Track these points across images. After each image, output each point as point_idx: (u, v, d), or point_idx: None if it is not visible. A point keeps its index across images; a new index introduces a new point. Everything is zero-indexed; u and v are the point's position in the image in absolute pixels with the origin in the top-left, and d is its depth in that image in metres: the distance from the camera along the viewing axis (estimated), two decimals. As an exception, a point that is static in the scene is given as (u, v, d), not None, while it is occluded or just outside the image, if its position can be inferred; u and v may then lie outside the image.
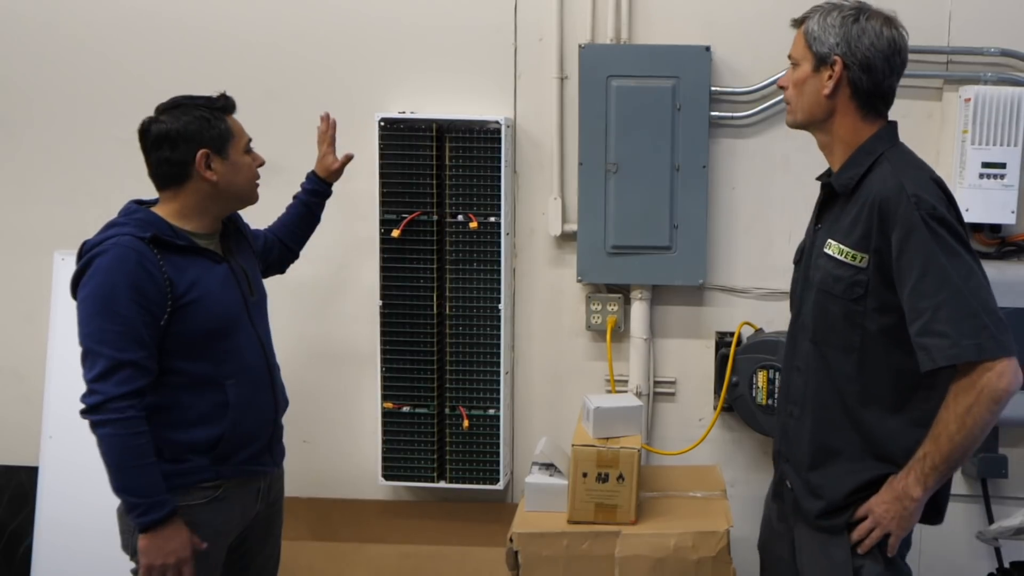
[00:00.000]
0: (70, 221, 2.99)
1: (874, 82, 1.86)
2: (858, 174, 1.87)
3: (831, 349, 1.89)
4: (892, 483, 1.84)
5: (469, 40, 2.93)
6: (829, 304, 1.88)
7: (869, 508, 1.86)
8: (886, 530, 1.84)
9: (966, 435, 1.74)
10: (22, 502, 3.13)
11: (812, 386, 1.93)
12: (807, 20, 1.90)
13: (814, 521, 1.92)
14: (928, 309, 1.73)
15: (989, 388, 1.72)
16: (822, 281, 1.89)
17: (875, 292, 1.82)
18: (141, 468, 1.94)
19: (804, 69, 1.89)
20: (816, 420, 1.93)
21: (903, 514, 1.82)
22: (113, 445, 1.93)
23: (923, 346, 1.74)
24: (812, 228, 2.01)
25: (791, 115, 1.96)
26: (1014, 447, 2.89)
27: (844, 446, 1.89)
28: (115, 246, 1.94)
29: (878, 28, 1.85)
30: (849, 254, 1.84)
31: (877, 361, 1.85)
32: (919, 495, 1.79)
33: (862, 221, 1.82)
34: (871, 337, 1.84)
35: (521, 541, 2.31)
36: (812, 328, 1.93)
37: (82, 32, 3.02)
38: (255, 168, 2.17)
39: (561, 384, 3.02)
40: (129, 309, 1.92)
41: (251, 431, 2.12)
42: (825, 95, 1.87)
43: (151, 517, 1.94)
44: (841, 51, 1.84)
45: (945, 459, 1.77)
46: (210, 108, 2.09)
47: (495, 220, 2.84)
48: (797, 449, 1.97)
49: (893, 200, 1.78)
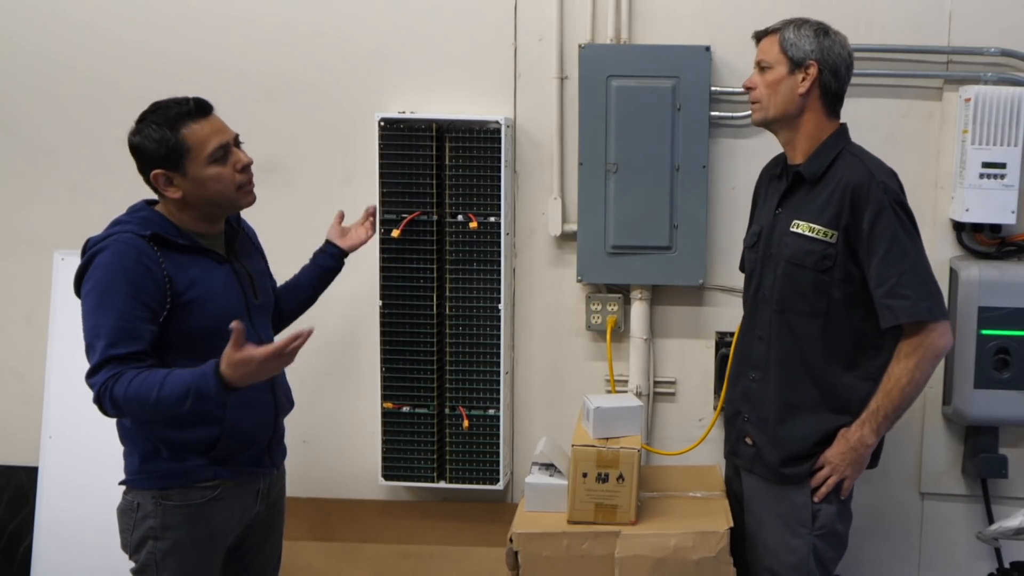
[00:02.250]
0: (70, 221, 2.99)
1: (838, 84, 2.21)
2: (825, 163, 2.19)
3: (797, 316, 2.20)
4: (845, 435, 2.17)
5: (469, 40, 2.93)
6: (799, 275, 2.19)
7: (826, 458, 2.19)
8: (842, 475, 2.18)
9: (914, 387, 2.12)
10: (22, 502, 3.13)
11: (776, 350, 2.24)
12: (781, 30, 2.20)
13: (777, 471, 2.23)
14: (894, 276, 2.09)
15: (933, 345, 2.10)
16: (792, 256, 2.19)
17: (841, 264, 2.14)
18: (167, 384, 1.88)
19: (779, 71, 2.20)
20: (780, 379, 2.23)
21: (857, 460, 2.17)
22: (131, 392, 1.88)
23: (888, 306, 2.09)
24: (772, 213, 2.29)
25: (761, 112, 2.24)
26: (1014, 447, 2.88)
27: (802, 401, 2.21)
28: (115, 243, 1.96)
29: (842, 41, 2.22)
30: (820, 231, 2.15)
31: (838, 324, 2.18)
32: (872, 442, 2.16)
33: (833, 203, 2.14)
34: (835, 303, 2.16)
35: (521, 541, 2.31)
36: (778, 298, 2.23)
37: (82, 32, 3.02)
38: (230, 175, 2.04)
39: (561, 384, 3.02)
40: (126, 304, 1.92)
41: (250, 433, 2.12)
42: (799, 94, 2.19)
43: (212, 388, 1.87)
44: (816, 57, 2.18)
45: (896, 409, 2.13)
46: (168, 123, 1.98)
47: (495, 220, 2.84)
48: (762, 408, 2.27)
49: (864, 185, 2.12)
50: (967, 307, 2.73)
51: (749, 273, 2.39)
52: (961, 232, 2.84)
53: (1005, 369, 2.73)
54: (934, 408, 2.91)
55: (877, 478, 2.87)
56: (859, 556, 2.95)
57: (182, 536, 2.05)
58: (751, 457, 2.30)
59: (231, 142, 2.08)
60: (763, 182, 2.46)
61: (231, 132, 2.09)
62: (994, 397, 2.74)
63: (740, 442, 2.34)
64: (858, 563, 2.95)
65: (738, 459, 2.37)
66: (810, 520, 2.20)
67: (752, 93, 2.25)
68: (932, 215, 2.85)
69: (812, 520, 2.21)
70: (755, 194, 2.51)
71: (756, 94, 2.24)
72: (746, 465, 2.33)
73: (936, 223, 2.86)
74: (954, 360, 2.77)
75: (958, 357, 2.75)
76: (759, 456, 2.27)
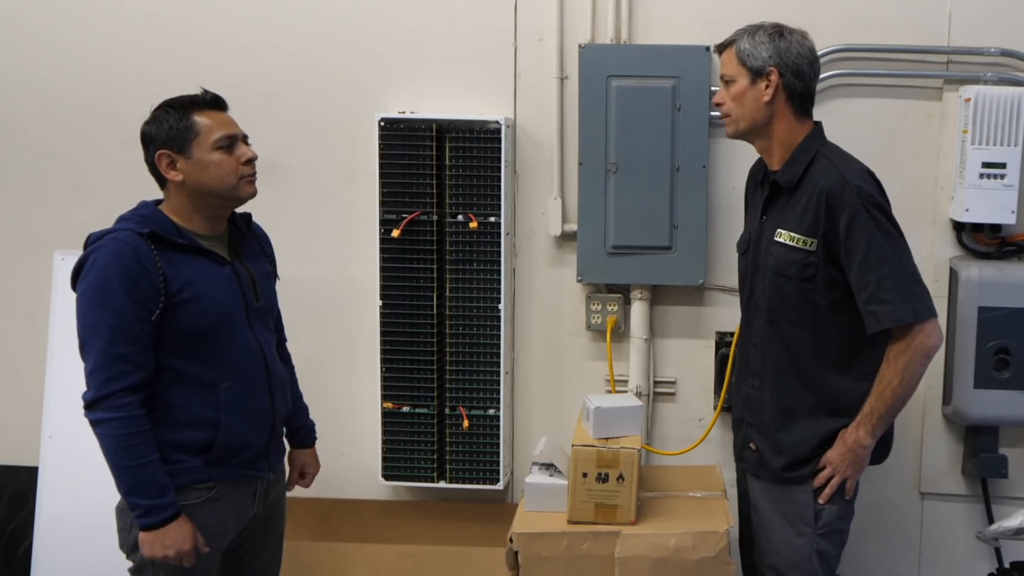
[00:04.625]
0: (70, 221, 2.99)
1: (804, 84, 2.18)
2: (800, 170, 2.17)
3: (786, 324, 2.21)
4: (843, 436, 2.18)
5: (469, 40, 2.93)
6: (784, 285, 2.19)
7: (827, 460, 2.19)
8: (844, 476, 2.19)
9: (906, 388, 2.11)
10: (22, 502, 3.13)
11: (769, 358, 2.25)
12: (736, 41, 2.20)
13: (780, 475, 2.23)
14: (873, 282, 2.07)
15: (922, 346, 2.08)
16: (776, 266, 2.19)
17: (823, 271, 2.14)
18: (140, 468, 1.94)
19: (741, 84, 2.18)
20: (775, 387, 2.24)
21: (856, 460, 2.18)
22: (109, 445, 1.93)
23: (870, 312, 2.09)
24: (758, 221, 2.28)
25: (732, 125, 2.23)
26: (1014, 447, 2.89)
27: (800, 406, 2.22)
28: (113, 241, 1.96)
29: (800, 40, 2.19)
30: (800, 240, 2.15)
31: (827, 330, 2.17)
32: (869, 443, 2.16)
33: (810, 210, 2.13)
34: (821, 310, 2.16)
35: (521, 541, 2.31)
36: (767, 308, 2.23)
37: (82, 32, 3.02)
38: (233, 164, 2.06)
39: (561, 384, 3.02)
40: (123, 303, 1.92)
41: (246, 436, 2.11)
42: (765, 102, 2.17)
43: (150, 520, 1.95)
44: (775, 62, 2.15)
45: (889, 410, 2.13)
46: (181, 107, 2.04)
47: (495, 220, 2.84)
48: (762, 415, 2.27)
49: (838, 191, 2.10)
50: (967, 307, 2.73)
51: (741, 280, 2.39)
52: (961, 232, 2.84)
53: (1005, 369, 2.73)
54: (934, 408, 2.91)
55: (877, 478, 2.87)
56: (859, 556, 2.95)
57: None
58: (755, 462, 2.30)
59: (239, 135, 2.11)
60: (750, 186, 2.45)
61: (241, 130, 2.12)
62: (994, 397, 2.74)
63: (745, 447, 2.34)
64: (858, 563, 2.96)
65: (744, 463, 2.38)
66: (813, 519, 2.21)
67: (721, 108, 2.24)
68: (932, 215, 2.85)
69: (815, 519, 2.21)
70: (745, 196, 2.50)
71: (725, 108, 2.23)
72: (751, 470, 2.33)
73: (936, 223, 2.86)
74: (954, 360, 2.77)
75: (958, 357, 2.75)
76: (762, 461, 2.28)
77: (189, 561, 1.99)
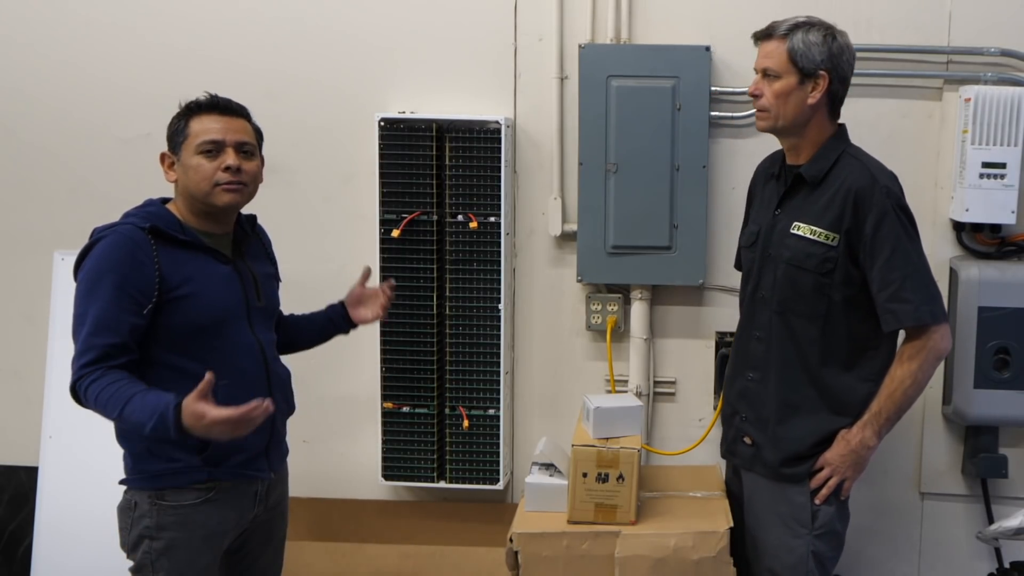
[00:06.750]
0: (70, 221, 2.99)
1: (845, 89, 2.19)
2: (826, 166, 2.17)
3: (797, 317, 2.20)
4: (845, 436, 2.17)
5: (469, 40, 2.93)
6: (799, 277, 2.18)
7: (825, 460, 2.19)
8: (843, 477, 2.18)
9: (916, 389, 2.13)
10: (22, 502, 3.13)
11: (775, 351, 2.24)
12: (789, 36, 2.12)
13: (777, 470, 2.23)
14: (896, 280, 2.09)
15: (936, 348, 2.12)
16: (792, 258, 2.18)
17: (842, 267, 2.14)
18: (131, 401, 1.89)
19: (788, 82, 2.13)
20: (779, 380, 2.23)
21: (858, 462, 2.17)
22: (101, 406, 1.92)
23: (891, 310, 2.10)
24: (771, 214, 2.26)
25: (769, 121, 2.18)
26: (1014, 447, 2.89)
27: (802, 401, 2.21)
28: (113, 234, 1.98)
29: (848, 43, 2.16)
30: (822, 234, 2.14)
31: (837, 326, 2.17)
32: (874, 444, 2.16)
33: (835, 206, 2.13)
34: (835, 306, 2.16)
35: (521, 541, 2.31)
36: (778, 300, 2.22)
37: (82, 32, 3.02)
38: (210, 170, 2.04)
39: (561, 384, 3.02)
40: (111, 294, 1.94)
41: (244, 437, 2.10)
42: (810, 104, 2.14)
43: (167, 425, 1.87)
44: (827, 66, 2.12)
45: (898, 410, 2.14)
46: (186, 109, 2.09)
47: (495, 220, 2.84)
48: (762, 408, 2.27)
49: (867, 190, 2.11)
50: (967, 307, 2.73)
51: (746, 273, 2.37)
52: (961, 232, 2.84)
53: (1005, 369, 2.73)
54: (934, 408, 2.91)
55: (877, 478, 2.88)
56: (859, 556, 2.95)
57: (176, 536, 2.04)
58: (750, 456, 2.30)
59: (227, 142, 2.07)
60: (759, 181, 2.44)
61: (238, 136, 2.09)
62: (994, 397, 2.74)
63: (738, 441, 2.34)
64: (858, 563, 2.96)
65: (736, 458, 2.38)
66: (809, 520, 2.21)
67: (758, 101, 2.18)
68: (932, 215, 2.85)
69: (812, 520, 2.21)
70: (750, 193, 2.49)
71: (763, 102, 2.17)
72: (745, 464, 2.33)
73: (936, 223, 2.86)
74: (954, 360, 2.77)
75: (958, 357, 2.75)
76: (759, 455, 2.28)
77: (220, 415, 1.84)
